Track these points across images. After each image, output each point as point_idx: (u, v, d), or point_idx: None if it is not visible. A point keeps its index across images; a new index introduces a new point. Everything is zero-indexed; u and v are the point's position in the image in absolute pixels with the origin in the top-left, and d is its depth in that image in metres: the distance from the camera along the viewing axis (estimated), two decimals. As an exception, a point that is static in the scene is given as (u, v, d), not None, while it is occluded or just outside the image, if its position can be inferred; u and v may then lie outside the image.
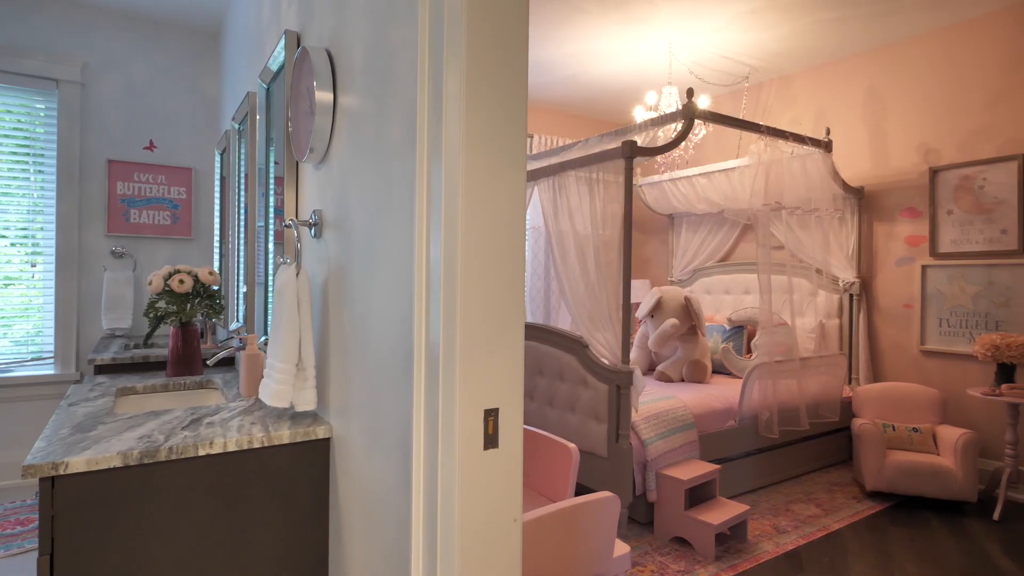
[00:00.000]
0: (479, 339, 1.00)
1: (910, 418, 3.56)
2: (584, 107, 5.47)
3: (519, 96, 1.04)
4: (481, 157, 1.00)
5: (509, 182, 1.03)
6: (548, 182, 3.53)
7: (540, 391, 3.39)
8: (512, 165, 1.02)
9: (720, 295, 4.93)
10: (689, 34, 3.87)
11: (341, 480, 1.51)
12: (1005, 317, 3.46)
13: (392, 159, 1.21)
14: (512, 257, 1.03)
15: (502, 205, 1.02)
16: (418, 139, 1.07)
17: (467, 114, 0.98)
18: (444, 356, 0.99)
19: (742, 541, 2.82)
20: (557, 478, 1.99)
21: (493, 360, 1.01)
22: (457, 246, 0.98)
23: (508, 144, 1.02)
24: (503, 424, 1.02)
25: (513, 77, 1.03)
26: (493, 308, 1.01)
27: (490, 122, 1.00)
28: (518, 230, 1.04)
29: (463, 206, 0.98)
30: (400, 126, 1.17)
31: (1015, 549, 2.77)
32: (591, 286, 3.19)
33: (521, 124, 1.04)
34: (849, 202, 4.12)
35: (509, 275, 1.03)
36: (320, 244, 1.71)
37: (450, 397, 0.98)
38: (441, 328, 1.00)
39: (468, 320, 0.99)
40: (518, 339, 1.04)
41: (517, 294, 1.04)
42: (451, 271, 0.99)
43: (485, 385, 1.00)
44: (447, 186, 1.00)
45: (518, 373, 1.04)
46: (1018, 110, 3.42)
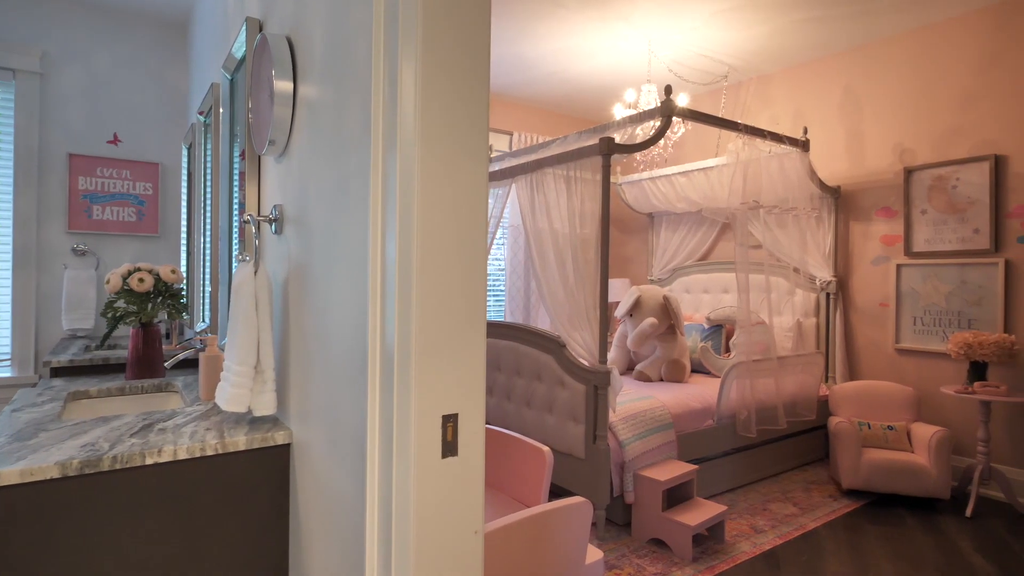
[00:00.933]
0: (437, 341, 0.94)
1: (885, 416, 3.57)
2: (564, 105, 5.43)
3: (479, 83, 0.98)
4: (438, 147, 0.94)
5: (469, 174, 0.97)
6: (526, 180, 3.48)
7: (518, 391, 3.34)
8: (472, 156, 0.97)
9: (699, 294, 4.93)
10: (668, 32, 3.84)
11: (301, 489, 1.44)
12: (977, 316, 3.49)
13: (351, 151, 1.15)
14: (473, 253, 0.97)
15: (461, 198, 0.96)
16: (373, 129, 1.01)
17: (422, 101, 0.92)
18: (399, 359, 0.93)
19: (720, 542, 2.79)
20: (530, 482, 1.94)
21: (452, 363, 0.96)
22: (413, 242, 0.92)
23: (467, 133, 0.96)
24: (463, 431, 0.96)
25: (473, 62, 0.97)
26: (452, 308, 0.96)
27: (448, 110, 0.95)
28: (479, 224, 0.98)
29: (419, 199, 0.92)
30: (357, 116, 1.11)
31: (987, 546, 2.78)
32: (569, 285, 3.14)
33: (482, 112, 0.98)
34: (826, 201, 4.13)
35: (469, 272, 0.97)
36: (281, 241, 1.63)
37: (405, 402, 0.92)
38: (396, 329, 0.94)
39: (425, 321, 0.93)
40: (479, 341, 0.98)
41: (478, 293, 0.98)
42: (406, 268, 0.93)
43: (443, 389, 0.94)
44: (402, 179, 0.94)
45: (479, 377, 0.98)
46: (990, 111, 3.45)
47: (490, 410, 3.56)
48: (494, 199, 3.88)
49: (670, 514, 2.71)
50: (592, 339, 2.97)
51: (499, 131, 5.21)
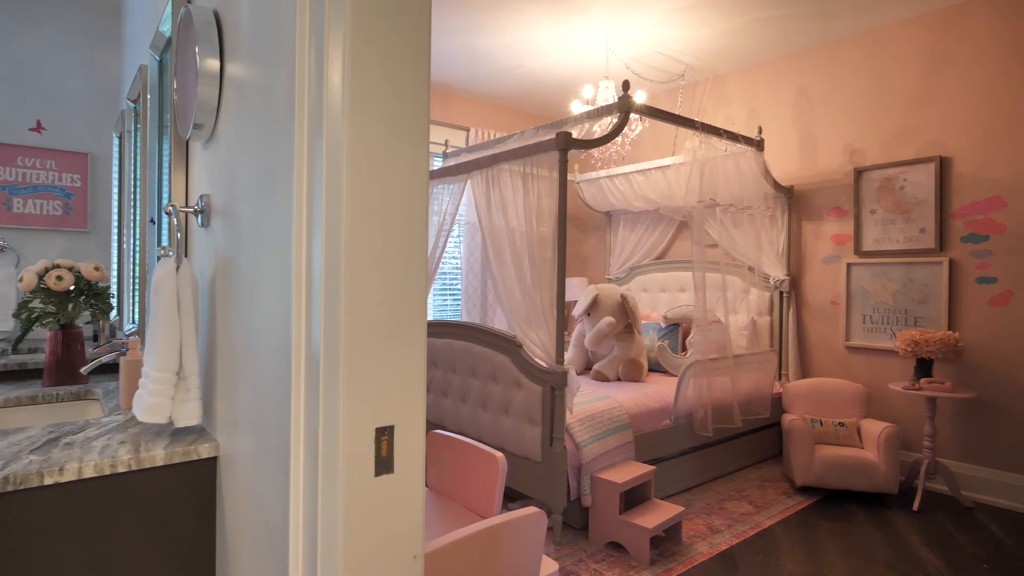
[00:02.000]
0: (369, 345, 0.84)
1: (836, 413, 3.63)
2: (521, 101, 5.35)
3: (419, 56, 0.88)
4: (370, 130, 0.84)
5: (406, 160, 0.87)
6: (481, 175, 3.38)
7: (473, 393, 3.24)
8: (410, 140, 0.87)
9: (656, 293, 4.94)
10: (626, 28, 3.81)
11: (230, 509, 1.31)
12: (923, 313, 3.58)
13: (278, 136, 1.03)
14: (411, 247, 0.87)
15: (398, 186, 0.86)
16: (298, 108, 0.90)
17: (352, 79, 0.82)
18: (325, 364, 0.83)
19: (677, 543, 2.77)
20: (483, 490, 1.85)
21: (387, 369, 0.86)
22: (341, 233, 0.82)
23: (404, 113, 0.86)
24: (399, 444, 0.86)
25: (410, 31, 0.87)
26: (387, 308, 0.86)
27: (381, 87, 0.84)
28: (418, 216, 0.88)
29: (348, 187, 0.82)
30: (284, 95, 0.99)
31: (934, 540, 2.84)
32: (525, 283, 3.07)
33: (421, 90, 0.88)
34: (779, 201, 4.18)
35: (407, 269, 0.87)
36: (208, 234, 1.49)
37: (332, 413, 0.82)
38: (322, 331, 0.83)
39: (355, 322, 0.82)
40: (418, 345, 0.89)
41: (417, 291, 0.88)
42: (333, 263, 0.82)
43: (377, 399, 0.84)
44: (329, 164, 0.83)
45: (418, 384, 0.88)
46: (936, 113, 3.55)
47: (444, 413, 3.45)
48: (449, 196, 3.77)
49: (627, 517, 2.66)
50: (549, 339, 2.90)
51: (455, 126, 5.10)
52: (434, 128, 4.97)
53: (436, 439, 2.06)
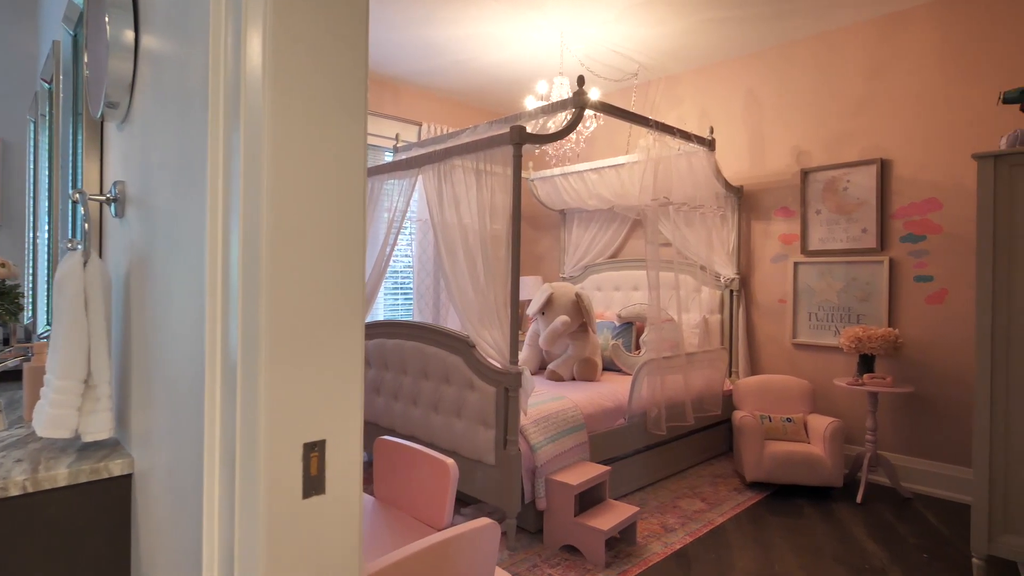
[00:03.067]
0: (296, 349, 0.73)
1: (784, 409, 3.70)
2: (475, 96, 5.26)
3: (354, 25, 0.78)
4: (296, 105, 0.73)
5: (340, 141, 0.77)
6: (433, 170, 3.27)
7: (425, 395, 3.13)
8: (345, 118, 0.77)
9: (610, 291, 4.93)
10: (581, 24, 3.77)
11: (145, 531, 1.17)
12: (865, 311, 3.69)
13: (194, 114, 0.91)
14: (345, 238, 0.78)
15: (330, 171, 0.76)
16: (211, 82, 0.79)
17: (275, 48, 0.71)
18: (244, 373, 0.72)
19: (632, 544, 2.74)
20: (434, 499, 1.75)
21: (317, 377, 0.75)
22: (261, 225, 0.71)
23: (337, 88, 0.76)
24: (332, 461, 0.76)
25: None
26: (317, 307, 0.75)
27: (310, 59, 0.74)
28: (354, 203, 0.78)
29: (269, 172, 0.71)
30: (200, 67, 0.88)
31: (877, 532, 2.92)
32: (479, 282, 2.98)
33: (357, 64, 0.78)
34: (730, 200, 4.23)
35: (341, 263, 0.77)
36: (123, 226, 1.34)
37: (251, 427, 0.71)
38: (239, 336, 0.72)
39: (279, 324, 0.72)
40: (354, 348, 0.79)
41: (353, 288, 0.79)
42: (252, 258, 0.71)
43: (305, 410, 0.74)
44: (246, 145, 0.72)
45: (354, 393, 0.79)
46: (877, 117, 3.66)
47: (395, 416, 3.32)
48: (399, 191, 3.64)
49: (582, 519, 2.61)
50: (503, 339, 2.82)
51: (407, 121, 4.96)
52: (385, 122, 4.82)
53: (383, 446, 1.95)
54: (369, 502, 1.95)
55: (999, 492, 2.26)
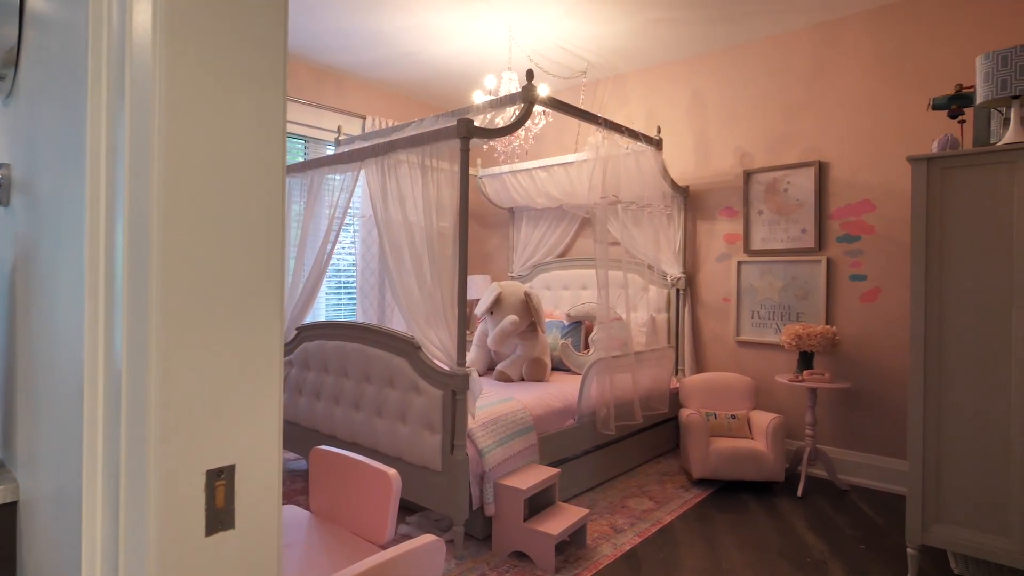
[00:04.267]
0: (197, 359, 0.62)
1: (729, 405, 3.76)
2: (421, 90, 5.12)
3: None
4: (195, 69, 0.62)
5: (252, 114, 0.66)
6: (376, 164, 3.13)
7: (368, 399, 2.99)
8: (257, 83, 0.66)
9: (559, 290, 4.90)
10: (530, 19, 3.71)
11: (32, 569, 1.01)
12: (805, 309, 3.79)
13: (78, 84, 0.77)
14: (259, 228, 0.67)
15: (240, 149, 0.65)
16: (92, 41, 0.66)
17: (168, 3, 0.60)
18: (130, 387, 0.60)
19: (582, 547, 2.70)
20: (374, 512, 1.64)
21: (224, 391, 0.64)
22: (151, 210, 0.60)
23: (248, 50, 0.65)
24: (243, 490, 0.65)
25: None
26: (224, 307, 0.64)
27: (212, 11, 0.63)
28: (270, 189, 0.68)
29: (161, 149, 0.60)
30: (83, 30, 0.74)
31: (817, 524, 2.99)
32: (424, 281, 2.86)
33: (274, 26, 0.68)
34: (676, 200, 4.27)
35: (252, 256, 0.66)
36: (8, 215, 1.17)
37: (139, 451, 0.60)
38: (124, 343, 0.60)
39: (174, 330, 0.61)
40: (271, 357, 0.68)
41: (269, 288, 0.68)
42: (140, 249, 0.60)
43: (209, 431, 0.63)
44: (133, 116, 0.60)
45: (271, 408, 0.68)
46: (816, 120, 3.76)
47: (335, 422, 3.16)
48: (341, 186, 3.48)
49: (532, 524, 2.54)
50: (450, 339, 2.72)
51: (350, 113, 4.77)
52: (327, 114, 4.62)
53: (320, 456, 1.82)
54: (304, 517, 1.82)
55: (932, 484, 2.34)
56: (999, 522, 2.21)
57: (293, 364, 3.54)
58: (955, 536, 2.29)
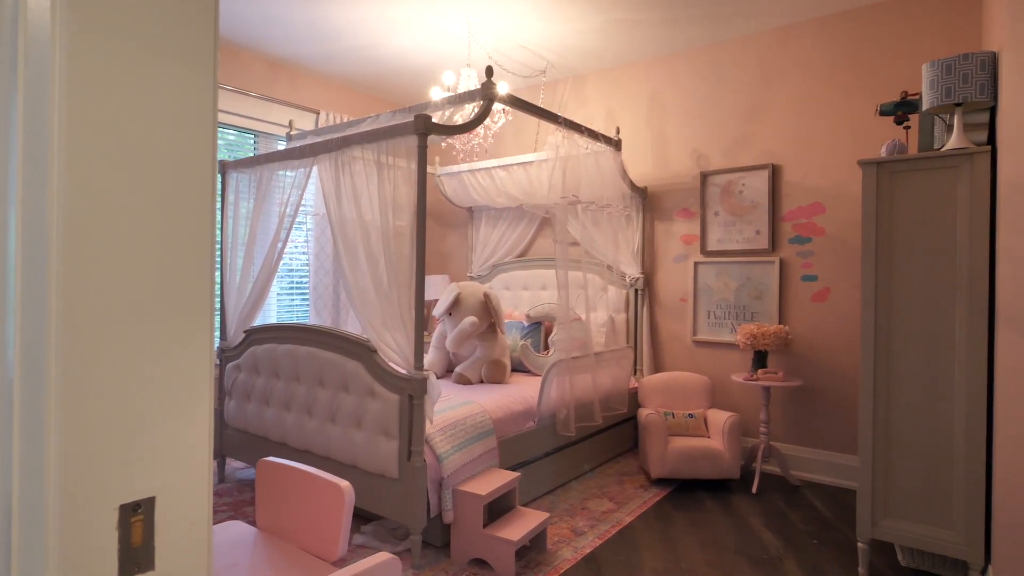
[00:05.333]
0: (109, 370, 0.54)
1: (686, 405, 3.79)
2: (378, 85, 4.99)
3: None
4: (105, 42, 0.54)
5: (176, 96, 0.58)
6: (330, 160, 3.01)
7: (321, 405, 2.88)
8: (184, 62, 0.58)
9: (519, 291, 4.87)
10: (489, 16, 3.65)
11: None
12: (759, 309, 3.87)
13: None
14: (184, 228, 0.59)
15: (159, 137, 0.57)
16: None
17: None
18: (24, 400, 0.52)
19: (542, 551, 2.66)
20: (326, 526, 1.55)
21: (142, 408, 0.56)
22: (50, 204, 0.51)
23: (171, 22, 0.57)
24: (166, 525, 0.57)
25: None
26: (143, 313, 0.56)
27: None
28: (199, 183, 0.60)
29: (61, 136, 0.51)
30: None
31: (772, 522, 3.04)
32: (380, 281, 2.77)
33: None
34: (635, 201, 4.29)
35: (176, 258, 0.58)
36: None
37: (36, 481, 0.51)
38: (17, 353, 0.51)
39: (81, 334, 0.52)
40: (200, 368, 0.60)
41: (199, 288, 0.60)
42: (37, 244, 0.51)
43: (122, 458, 0.55)
44: (27, 97, 0.52)
45: (199, 427, 0.60)
46: (769, 124, 3.84)
47: (286, 429, 3.03)
48: (292, 183, 3.34)
49: (491, 530, 2.49)
50: (407, 342, 2.64)
51: (303, 108, 4.61)
52: (278, 108, 4.45)
53: (266, 468, 1.72)
54: (250, 533, 1.71)
55: (881, 480, 2.40)
56: (943, 515, 2.28)
57: (241, 369, 3.38)
58: (903, 530, 2.36)
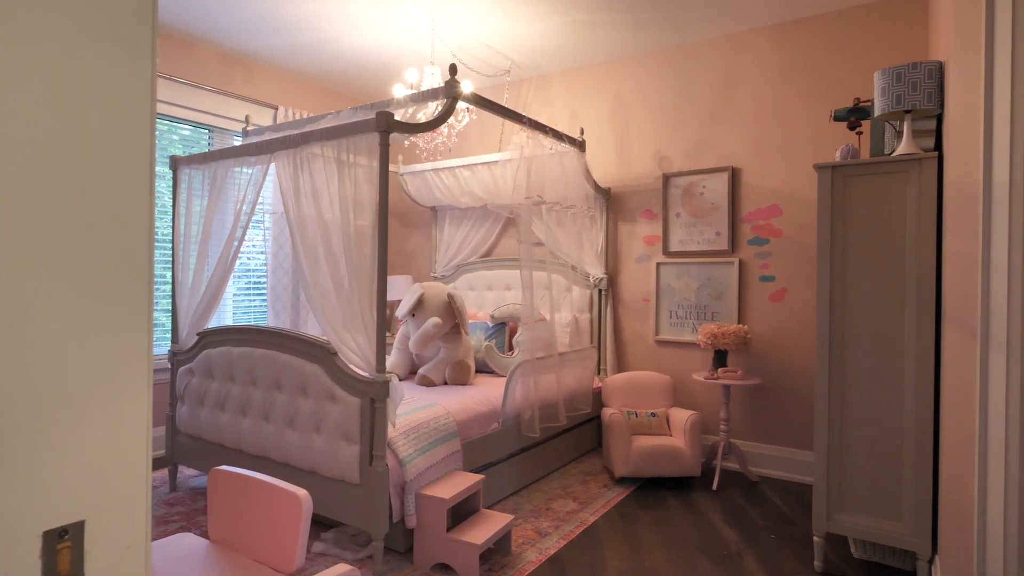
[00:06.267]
0: (25, 387, 0.49)
1: (649, 404, 3.84)
2: (339, 81, 4.89)
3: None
4: (18, 15, 0.49)
5: (107, 79, 0.54)
6: (288, 157, 2.93)
7: (278, 410, 2.79)
8: (112, 39, 0.53)
9: (483, 291, 4.84)
10: (453, 13, 3.61)
11: None
12: (719, 309, 3.94)
13: None
14: (117, 223, 0.54)
15: (85, 124, 0.53)
16: None
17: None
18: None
19: (506, 554, 2.64)
20: (282, 537, 1.50)
21: (69, 425, 0.52)
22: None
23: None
24: (97, 550, 0.53)
25: None
26: (66, 322, 0.52)
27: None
28: (134, 176, 0.55)
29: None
30: None
31: (732, 518, 3.10)
32: (341, 282, 2.70)
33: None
34: (599, 202, 4.32)
35: (106, 256, 0.54)
36: None
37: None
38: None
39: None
40: (134, 379, 0.56)
41: (134, 292, 0.56)
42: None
43: (46, 479, 0.50)
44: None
45: (134, 444, 0.56)
46: (729, 127, 3.92)
47: (242, 434, 2.93)
48: (248, 180, 3.23)
49: (455, 534, 2.46)
50: (368, 344, 2.58)
51: (260, 103, 4.48)
52: (234, 102, 4.31)
53: (220, 477, 1.65)
54: (201, 546, 1.64)
55: (835, 475, 2.47)
56: (893, 508, 2.36)
57: (194, 373, 3.25)
58: (856, 523, 2.43)
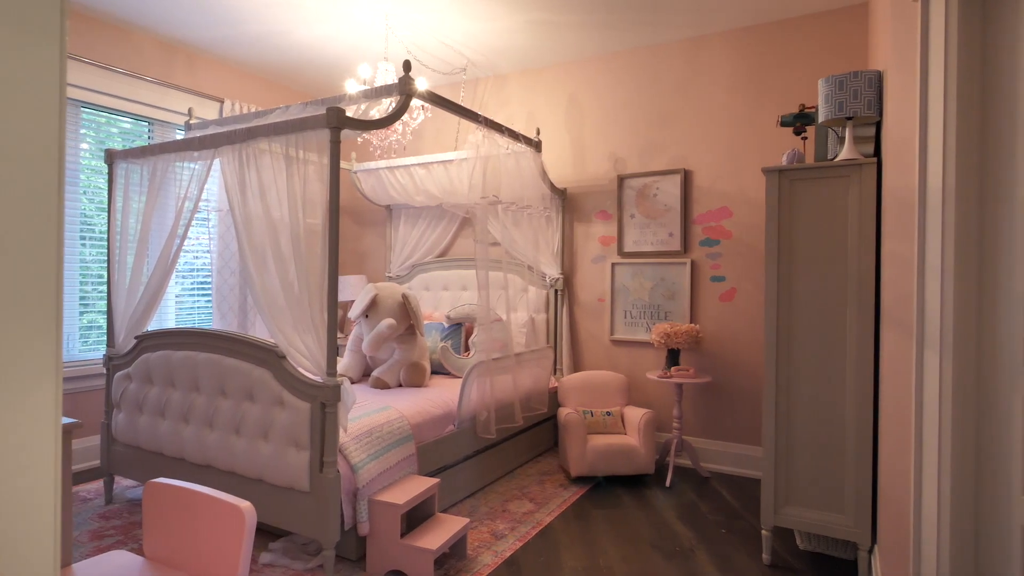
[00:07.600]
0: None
1: (604, 403, 3.87)
2: (288, 75, 4.74)
3: None
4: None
5: (8, 57, 0.48)
6: (233, 152, 2.81)
7: (223, 416, 2.67)
8: (15, 22, 0.48)
9: (439, 291, 4.78)
10: (408, 9, 3.55)
11: None
12: (672, 308, 4.01)
13: None
14: (17, 225, 0.49)
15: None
16: None
17: None
18: None
19: (462, 558, 2.61)
20: (223, 552, 1.43)
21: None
22: None
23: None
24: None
25: None
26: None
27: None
28: (38, 173, 0.50)
29: None
30: None
31: (684, 514, 3.15)
32: (290, 283, 2.61)
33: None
34: (555, 202, 4.33)
35: (6, 254, 0.49)
36: None
37: None
38: None
39: None
40: (41, 395, 0.51)
41: (37, 293, 0.50)
42: None
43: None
44: None
45: (40, 471, 0.50)
46: (682, 130, 3.99)
47: (184, 442, 2.80)
48: (191, 175, 3.09)
49: (409, 540, 2.41)
50: (318, 347, 2.50)
51: (204, 95, 4.29)
52: (175, 94, 4.11)
53: (156, 491, 1.56)
54: (135, 564, 1.55)
55: (783, 470, 2.54)
56: (836, 501, 2.45)
57: (132, 378, 3.08)
58: (801, 516, 2.51)
